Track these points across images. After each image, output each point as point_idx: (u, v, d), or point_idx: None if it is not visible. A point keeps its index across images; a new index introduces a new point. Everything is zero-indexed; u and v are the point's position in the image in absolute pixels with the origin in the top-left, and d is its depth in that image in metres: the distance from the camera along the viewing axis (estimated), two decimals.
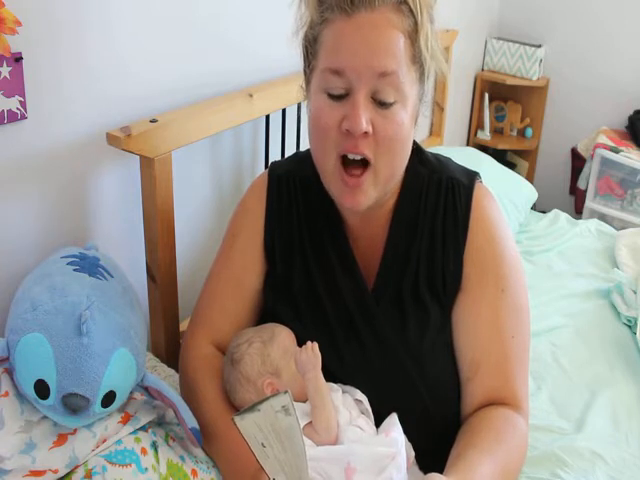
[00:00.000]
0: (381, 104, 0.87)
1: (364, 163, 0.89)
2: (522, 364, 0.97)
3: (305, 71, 0.97)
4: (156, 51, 1.25)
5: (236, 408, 0.96)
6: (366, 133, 0.86)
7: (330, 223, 1.03)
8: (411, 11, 0.87)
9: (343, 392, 0.95)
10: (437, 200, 1.00)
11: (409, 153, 0.95)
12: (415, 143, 1.05)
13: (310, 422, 0.88)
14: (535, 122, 3.14)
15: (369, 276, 1.01)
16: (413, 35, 0.88)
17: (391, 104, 0.87)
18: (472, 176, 1.03)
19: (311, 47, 0.93)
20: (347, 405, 0.92)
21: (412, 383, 0.95)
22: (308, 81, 0.96)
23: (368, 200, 0.92)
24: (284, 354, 0.94)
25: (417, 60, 0.89)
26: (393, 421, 0.90)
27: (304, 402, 0.91)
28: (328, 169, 0.92)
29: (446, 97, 2.60)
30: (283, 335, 0.97)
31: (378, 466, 0.84)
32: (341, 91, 0.87)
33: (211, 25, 1.37)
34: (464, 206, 0.99)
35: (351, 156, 0.89)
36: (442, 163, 1.05)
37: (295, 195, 1.06)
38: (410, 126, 0.91)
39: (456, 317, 0.98)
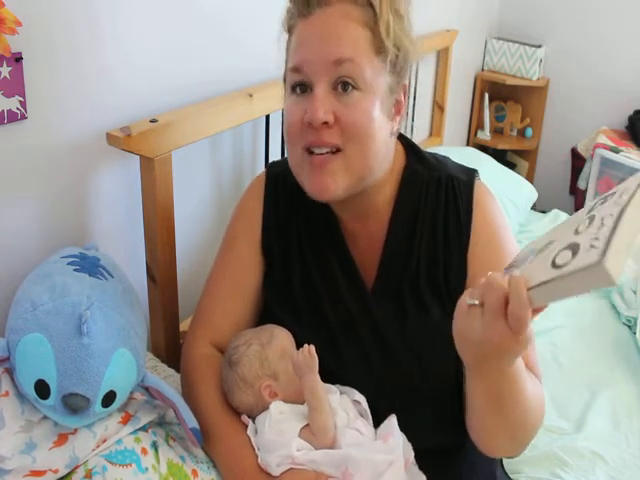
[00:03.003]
0: (343, 89, 0.87)
1: (333, 153, 0.89)
2: (534, 353, 0.96)
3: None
4: (156, 51, 1.25)
5: (234, 409, 0.96)
6: (326, 123, 0.86)
7: (327, 223, 1.03)
8: (369, 3, 0.88)
9: (341, 393, 0.95)
10: (437, 198, 1.00)
11: (384, 146, 0.93)
12: (412, 143, 1.06)
13: (308, 425, 0.88)
14: (535, 122, 3.14)
15: (368, 275, 1.01)
16: (372, 25, 0.88)
17: (354, 89, 0.87)
18: (471, 174, 1.03)
19: (285, 58, 0.96)
20: (345, 407, 0.92)
21: (412, 382, 0.95)
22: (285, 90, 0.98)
23: (337, 186, 0.89)
24: (282, 357, 0.94)
25: (382, 50, 0.89)
26: (392, 424, 0.90)
27: (302, 404, 0.91)
28: (296, 163, 0.93)
29: (446, 97, 2.60)
30: (281, 337, 0.97)
31: (376, 472, 0.84)
32: (304, 86, 0.89)
33: (211, 25, 1.37)
34: (465, 204, 0.99)
35: (317, 150, 0.89)
36: (440, 162, 1.05)
37: (293, 195, 1.06)
38: (381, 118, 0.90)
39: None
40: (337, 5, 0.88)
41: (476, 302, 0.67)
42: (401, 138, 1.04)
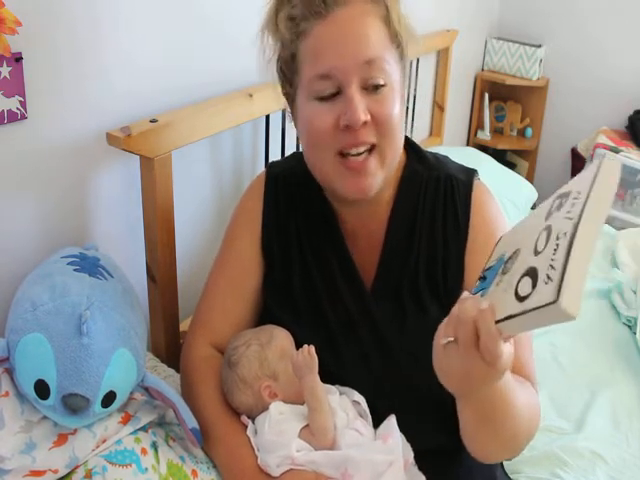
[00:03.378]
0: (374, 88, 0.88)
1: (369, 149, 0.89)
2: (531, 356, 0.96)
3: (286, 93, 0.97)
4: (157, 52, 1.25)
5: (234, 409, 0.96)
6: (365, 123, 0.87)
7: (327, 223, 1.03)
8: None
9: (340, 394, 0.95)
10: (436, 198, 1.00)
11: (404, 133, 0.95)
12: (412, 142, 1.06)
13: (307, 425, 0.88)
14: (535, 122, 3.14)
15: (367, 275, 1.01)
16: (387, 18, 0.90)
17: (382, 86, 0.88)
18: (470, 173, 1.03)
19: (289, 67, 0.93)
20: (344, 407, 0.92)
21: (411, 382, 0.94)
22: (292, 100, 0.96)
23: (375, 183, 0.91)
24: (282, 357, 0.94)
25: (395, 39, 0.91)
26: (391, 424, 0.90)
27: (301, 404, 0.91)
28: (327, 168, 0.92)
29: (446, 97, 2.60)
30: (281, 337, 0.97)
31: (375, 473, 0.84)
32: (332, 90, 0.88)
33: (212, 25, 1.37)
34: (464, 205, 0.99)
35: (354, 150, 0.88)
36: (440, 161, 1.05)
37: (293, 195, 1.06)
38: (401, 106, 0.92)
39: None
40: (353, 4, 0.87)
41: (451, 339, 0.68)
42: None
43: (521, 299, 0.58)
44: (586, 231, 0.55)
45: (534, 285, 0.57)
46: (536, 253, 0.60)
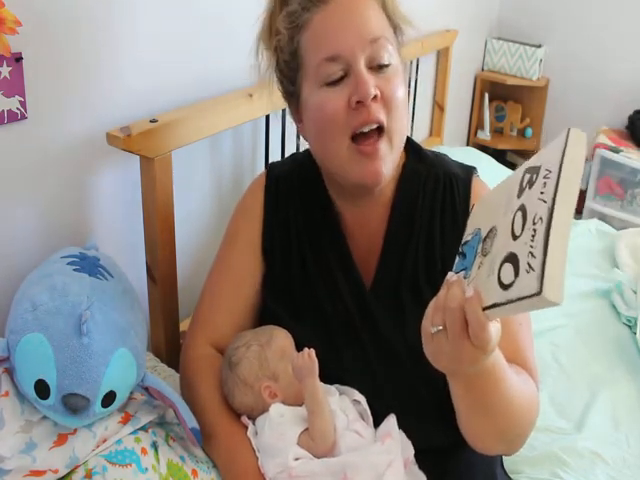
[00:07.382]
0: (379, 67, 0.89)
1: (378, 131, 0.90)
2: (530, 346, 0.97)
3: (289, 93, 0.98)
4: (157, 52, 1.25)
5: (234, 410, 0.96)
6: (375, 97, 0.88)
7: (327, 222, 1.03)
8: None
9: (340, 394, 0.94)
10: (435, 195, 1.00)
11: (409, 119, 0.96)
12: (412, 140, 1.06)
13: (307, 429, 0.88)
14: (535, 122, 3.14)
15: (367, 274, 1.01)
16: (383, 3, 0.93)
17: (387, 66, 0.90)
18: (469, 171, 1.03)
19: (290, 66, 0.95)
20: (344, 408, 0.92)
21: (411, 381, 0.95)
22: (297, 97, 0.96)
23: (387, 168, 0.91)
24: (282, 357, 0.94)
25: (392, 25, 0.94)
26: (391, 424, 0.89)
27: (301, 406, 0.91)
28: (341, 153, 0.91)
29: (446, 97, 2.60)
30: (281, 338, 0.97)
31: (375, 474, 0.84)
32: (340, 73, 0.89)
33: (212, 26, 1.37)
34: (463, 202, 0.99)
35: (366, 128, 0.89)
36: (439, 159, 1.05)
37: (293, 196, 1.06)
38: (405, 89, 0.93)
39: None
40: None
41: (440, 328, 0.70)
42: None
43: (505, 287, 0.59)
44: (561, 215, 0.56)
45: (516, 273, 0.58)
46: (514, 237, 0.61)
